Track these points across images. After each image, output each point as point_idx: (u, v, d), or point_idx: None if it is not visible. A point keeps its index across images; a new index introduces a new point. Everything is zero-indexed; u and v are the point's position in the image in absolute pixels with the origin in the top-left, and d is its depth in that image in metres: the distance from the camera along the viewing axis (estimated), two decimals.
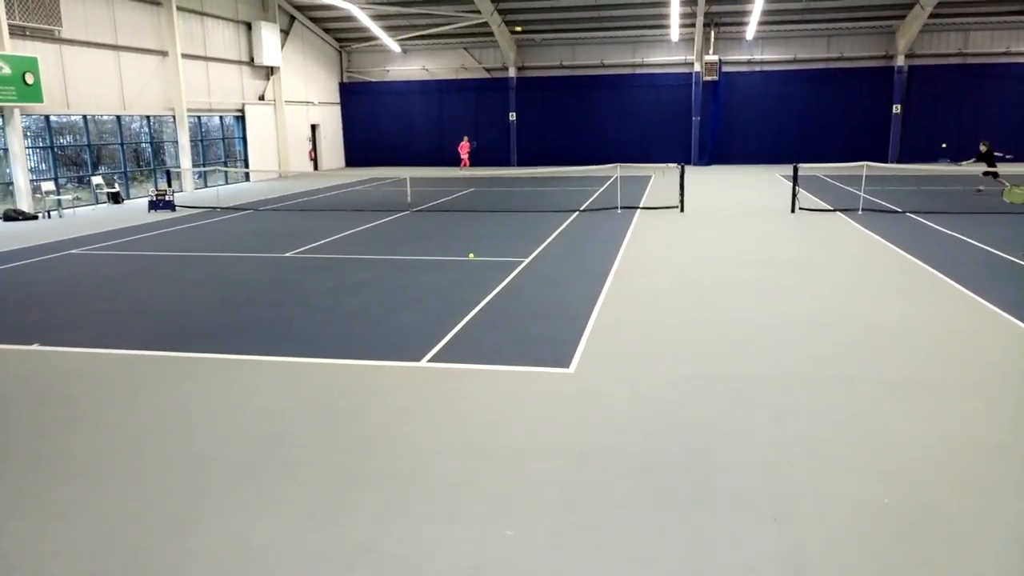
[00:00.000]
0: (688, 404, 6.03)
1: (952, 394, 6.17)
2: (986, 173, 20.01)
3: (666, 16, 31.07)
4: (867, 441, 5.30)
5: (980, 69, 31.56)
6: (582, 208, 18.76)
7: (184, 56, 25.52)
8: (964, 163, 21.35)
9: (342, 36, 36.14)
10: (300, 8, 32.95)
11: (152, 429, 5.74)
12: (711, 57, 32.43)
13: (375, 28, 33.37)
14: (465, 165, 33.10)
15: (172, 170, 24.17)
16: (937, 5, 29.06)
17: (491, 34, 33.23)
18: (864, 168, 18.91)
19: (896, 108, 32.29)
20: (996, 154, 20.35)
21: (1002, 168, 20.53)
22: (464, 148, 33.30)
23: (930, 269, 10.95)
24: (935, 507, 4.42)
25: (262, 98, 31.01)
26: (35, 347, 7.87)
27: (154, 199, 20.31)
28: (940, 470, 4.87)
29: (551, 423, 5.72)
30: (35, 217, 19.16)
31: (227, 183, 28.64)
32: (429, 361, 7.19)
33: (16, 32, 19.25)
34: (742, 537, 4.13)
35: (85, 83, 21.78)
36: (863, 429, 5.50)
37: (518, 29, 32.09)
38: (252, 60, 30.03)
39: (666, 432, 5.51)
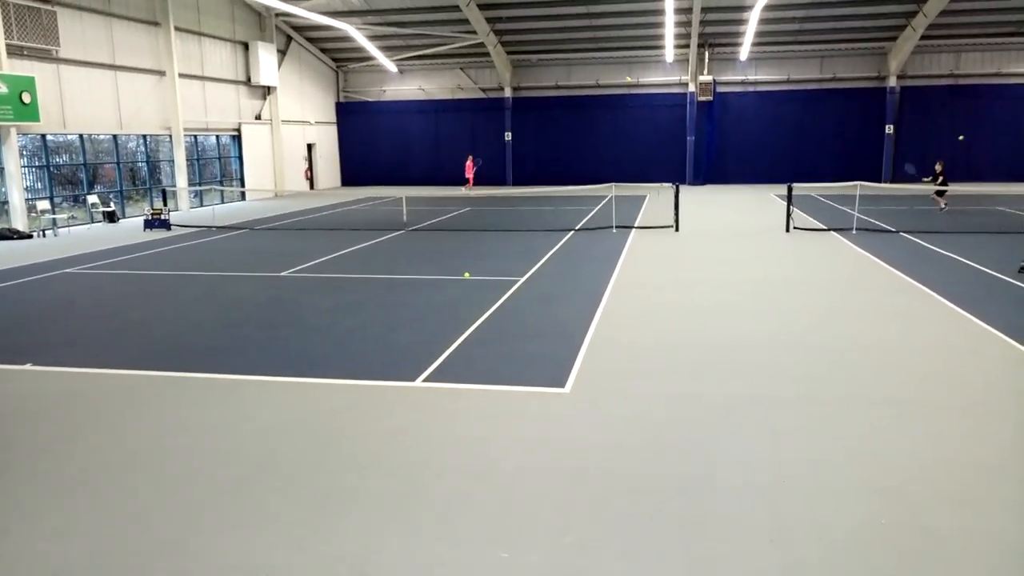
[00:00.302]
0: (684, 424, 6.01)
1: (949, 414, 6.17)
2: (938, 192, 21.28)
3: (661, 37, 31.36)
4: (864, 461, 5.29)
5: (971, 90, 31.86)
6: (578, 227, 18.81)
7: (181, 76, 25.63)
8: (926, 180, 22.02)
9: (339, 56, 36.37)
10: (297, 28, 33.17)
11: (147, 448, 5.70)
12: (705, 77, 32.69)
13: (372, 48, 33.59)
14: (471, 185, 33.01)
15: (168, 189, 24.23)
16: (928, 27, 29.40)
17: (487, 54, 33.48)
18: (858, 187, 19.02)
19: (889, 128, 32.56)
20: (925, 178, 22.21)
21: (1002, 188, 20.93)
22: (469, 168, 33.27)
23: (925, 289, 10.98)
24: (933, 527, 4.40)
25: (259, 117, 31.14)
26: (28, 367, 7.83)
27: (150, 218, 20.30)
28: (938, 490, 4.85)
29: (547, 443, 5.69)
30: (30, 236, 19.12)
31: (223, 202, 28.65)
32: (425, 381, 7.17)
33: (14, 52, 19.32)
34: (739, 557, 4.11)
35: (82, 102, 21.84)
36: (860, 449, 5.49)
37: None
38: (249, 80, 30.19)
39: (662, 451, 5.49)
